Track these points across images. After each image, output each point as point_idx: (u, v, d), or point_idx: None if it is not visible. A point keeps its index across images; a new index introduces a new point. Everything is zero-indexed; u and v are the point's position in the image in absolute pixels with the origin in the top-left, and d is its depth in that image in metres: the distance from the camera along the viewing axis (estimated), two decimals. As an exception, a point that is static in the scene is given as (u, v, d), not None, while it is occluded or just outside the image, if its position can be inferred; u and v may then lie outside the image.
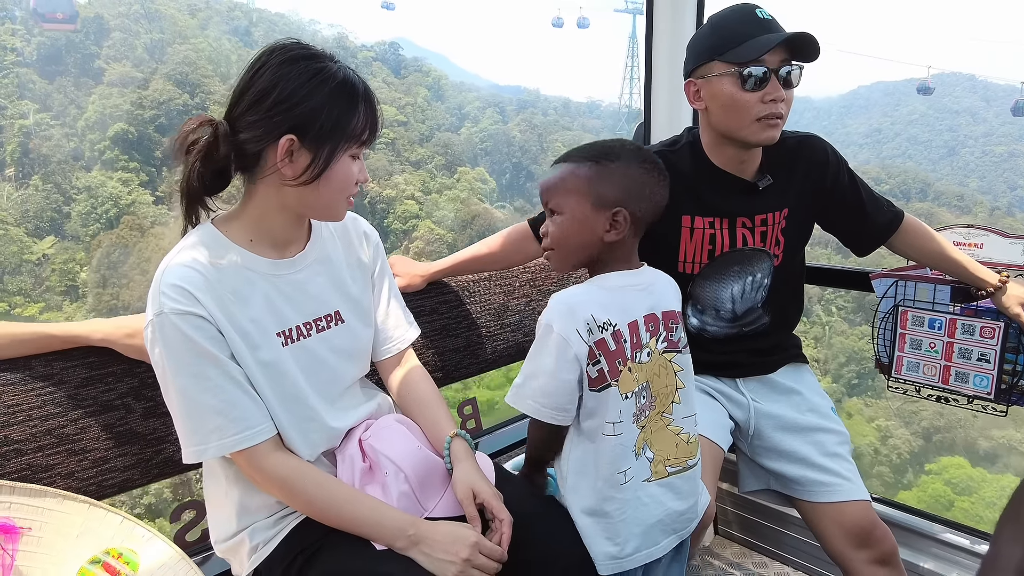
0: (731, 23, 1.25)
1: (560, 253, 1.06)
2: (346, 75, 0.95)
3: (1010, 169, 61.57)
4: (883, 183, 46.30)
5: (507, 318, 1.53)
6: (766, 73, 1.21)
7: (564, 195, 1.03)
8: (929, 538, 1.54)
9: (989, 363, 1.45)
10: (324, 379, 1.04)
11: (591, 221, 1.01)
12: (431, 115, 47.20)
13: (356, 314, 1.09)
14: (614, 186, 1.00)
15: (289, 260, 1.02)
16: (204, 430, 0.92)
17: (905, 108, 77.07)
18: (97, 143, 31.80)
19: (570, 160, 1.04)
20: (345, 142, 0.94)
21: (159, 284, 0.91)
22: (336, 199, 0.98)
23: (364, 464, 1.03)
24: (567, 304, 0.98)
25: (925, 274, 1.52)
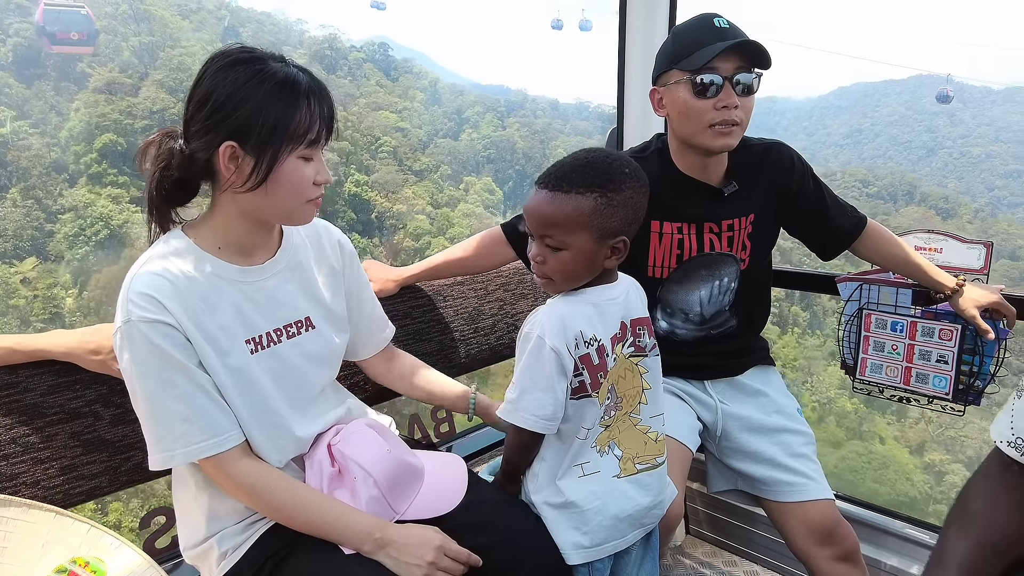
0: (689, 32, 1.29)
1: (558, 284, 1.05)
2: (287, 74, 0.93)
3: (987, 170, 63.00)
4: (870, 185, 47.00)
5: (481, 322, 1.55)
6: (719, 80, 1.24)
7: (568, 232, 1.00)
8: (890, 534, 1.60)
9: (947, 364, 1.51)
10: (294, 385, 1.05)
11: (595, 252, 1.01)
12: (428, 120, 45.93)
13: (327, 320, 1.11)
14: (616, 218, 1.00)
15: (258, 267, 1.03)
16: (171, 437, 0.93)
17: (885, 109, 78.43)
18: (83, 155, 29.14)
19: (571, 188, 0.99)
20: (289, 143, 0.92)
21: (127, 292, 0.92)
22: (291, 204, 0.97)
23: (333, 469, 1.04)
24: (559, 318, 1.00)
25: (888, 278, 1.58)
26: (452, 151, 42.63)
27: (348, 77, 44.31)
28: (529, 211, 1.04)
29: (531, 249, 1.05)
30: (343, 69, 45.11)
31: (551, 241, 1.01)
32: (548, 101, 62.73)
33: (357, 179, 33.48)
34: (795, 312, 26.43)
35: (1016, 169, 62.45)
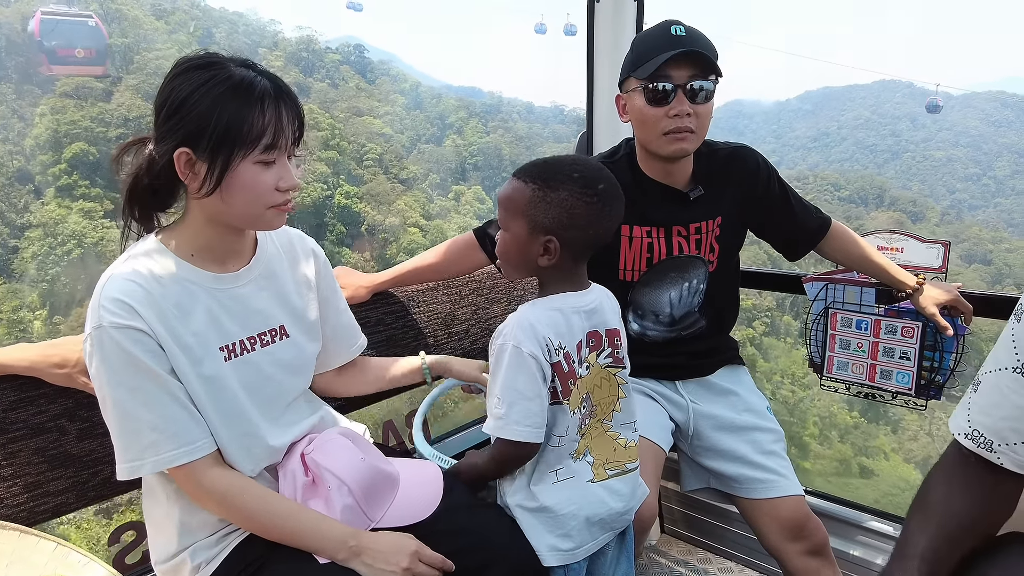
0: (646, 40, 1.33)
1: (505, 266, 1.11)
2: (242, 77, 0.91)
3: (948, 173, 65.06)
4: (842, 189, 48.03)
5: (454, 327, 1.56)
6: (672, 88, 1.27)
7: (508, 214, 1.06)
8: (857, 527, 1.65)
9: (910, 361, 1.57)
10: (267, 394, 1.05)
11: (527, 243, 1.04)
12: (410, 124, 44.81)
13: (301, 328, 1.11)
14: (548, 215, 1.02)
15: (232, 274, 1.02)
16: (139, 445, 0.92)
17: (851, 113, 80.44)
18: (51, 165, 26.61)
19: (520, 177, 1.06)
20: (242, 148, 0.90)
21: (99, 297, 0.91)
22: (250, 209, 0.95)
23: (307, 478, 1.04)
24: (529, 324, 1.01)
25: (852, 277, 1.63)
26: (440, 158, 41.51)
27: (327, 80, 43.02)
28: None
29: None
30: (320, 72, 43.86)
31: (500, 221, 1.08)
32: (523, 104, 62.44)
33: (347, 190, 32.15)
34: (787, 321, 26.59)
35: (975, 172, 64.65)
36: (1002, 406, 0.76)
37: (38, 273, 23.72)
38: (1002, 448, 0.76)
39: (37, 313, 22.40)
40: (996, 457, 0.77)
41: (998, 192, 61.09)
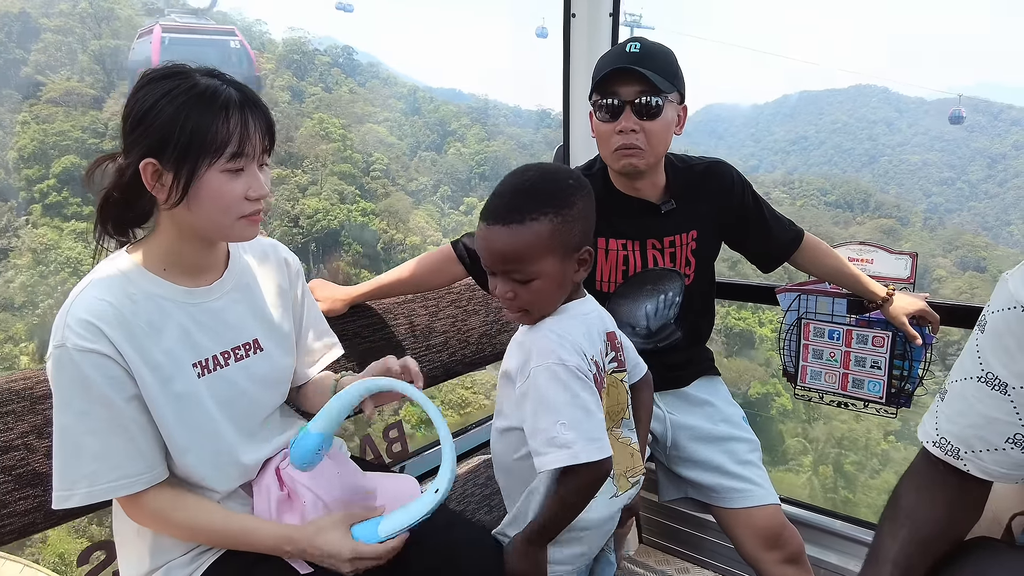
0: (604, 57, 1.37)
1: (536, 313, 1.03)
2: (206, 86, 0.91)
3: (924, 177, 66.60)
4: (828, 194, 48.77)
5: (432, 339, 1.58)
6: (617, 104, 1.31)
7: (534, 262, 0.97)
8: (832, 534, 1.71)
9: (880, 370, 1.63)
10: (242, 410, 1.06)
11: (564, 272, 1.00)
12: (410, 131, 42.92)
13: (275, 341, 1.12)
14: (575, 233, 0.99)
15: (205, 288, 1.03)
16: (75, 475, 0.91)
17: (828, 117, 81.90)
18: (37, 181, 23.95)
19: (524, 217, 0.96)
20: (207, 157, 0.91)
21: (66, 316, 0.90)
22: (220, 219, 0.95)
23: (282, 493, 1.05)
24: (558, 337, 0.99)
25: (824, 288, 1.69)
26: (448, 168, 39.33)
27: (320, 84, 41.24)
28: (485, 249, 1.00)
29: (495, 287, 1.02)
30: (313, 75, 42.03)
31: (518, 275, 0.98)
32: (510, 108, 61.87)
33: (364, 207, 29.98)
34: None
35: (950, 176, 66.34)
36: (967, 414, 0.80)
37: (26, 301, 21.54)
38: (968, 456, 0.80)
39: (23, 347, 20.38)
40: (963, 464, 0.81)
41: (972, 196, 62.80)
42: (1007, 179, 63.25)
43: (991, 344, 0.78)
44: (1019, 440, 0.77)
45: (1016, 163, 65.09)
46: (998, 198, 61.27)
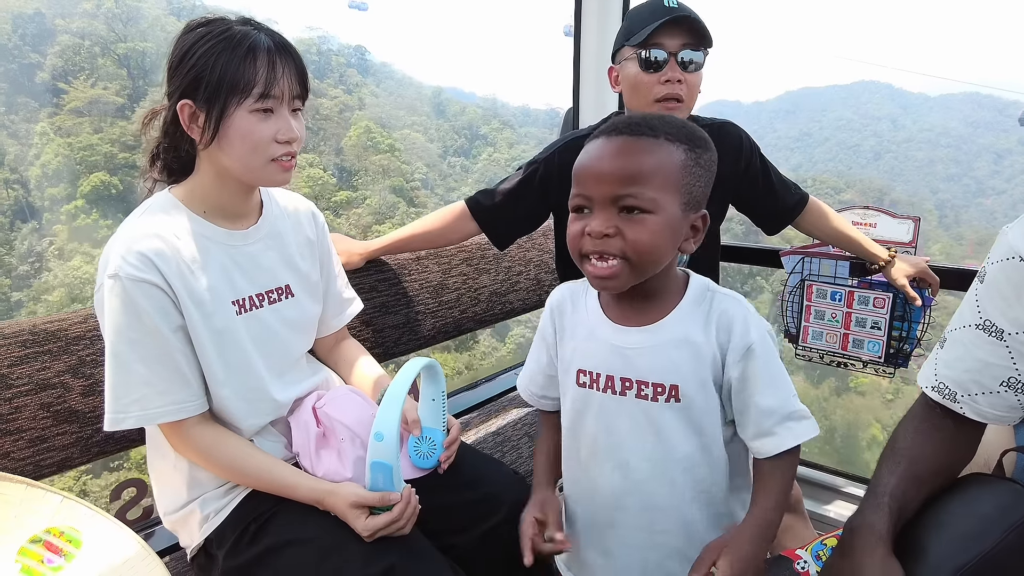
0: (641, 11, 1.43)
1: (636, 269, 0.84)
2: (237, 31, 0.97)
3: (930, 174, 66.79)
4: (842, 192, 48.85)
5: (444, 295, 1.66)
6: (664, 56, 1.38)
7: (659, 188, 0.82)
8: (830, 489, 1.79)
9: (880, 330, 1.71)
10: (274, 350, 1.13)
11: (679, 227, 0.85)
12: (436, 136, 41.53)
13: (305, 289, 1.19)
14: (702, 184, 0.87)
15: (242, 232, 1.10)
16: (128, 399, 0.98)
17: (832, 113, 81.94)
18: (63, 201, 21.66)
19: (658, 133, 0.84)
20: (236, 96, 0.96)
21: (119, 247, 0.97)
22: (249, 160, 1.00)
23: (319, 430, 1.12)
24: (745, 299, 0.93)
25: (828, 251, 1.77)
26: (483, 176, 37.26)
27: (341, 86, 40.08)
28: (596, 166, 0.84)
29: (582, 225, 0.84)
30: (333, 76, 40.85)
31: (634, 201, 0.81)
32: (518, 108, 60.35)
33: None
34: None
35: (956, 173, 66.55)
36: (965, 360, 0.88)
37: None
38: (964, 399, 0.88)
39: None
40: (959, 407, 0.89)
41: (979, 192, 63.05)
42: (1014, 175, 63.43)
43: (989, 293, 0.86)
44: (1013, 383, 0.85)
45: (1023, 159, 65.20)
46: (1006, 194, 61.47)
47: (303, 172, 25.66)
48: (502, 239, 1.58)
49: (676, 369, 0.89)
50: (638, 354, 0.90)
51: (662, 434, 0.90)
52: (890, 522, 0.86)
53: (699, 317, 0.90)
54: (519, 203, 1.52)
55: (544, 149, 1.56)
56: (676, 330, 0.90)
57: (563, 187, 1.55)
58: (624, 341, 0.91)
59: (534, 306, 1.94)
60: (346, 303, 1.31)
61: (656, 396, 0.89)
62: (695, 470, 0.92)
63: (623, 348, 0.91)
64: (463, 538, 1.13)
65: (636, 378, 0.90)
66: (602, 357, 0.92)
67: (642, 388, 0.90)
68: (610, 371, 0.92)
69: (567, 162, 1.55)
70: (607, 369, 0.92)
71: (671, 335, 0.89)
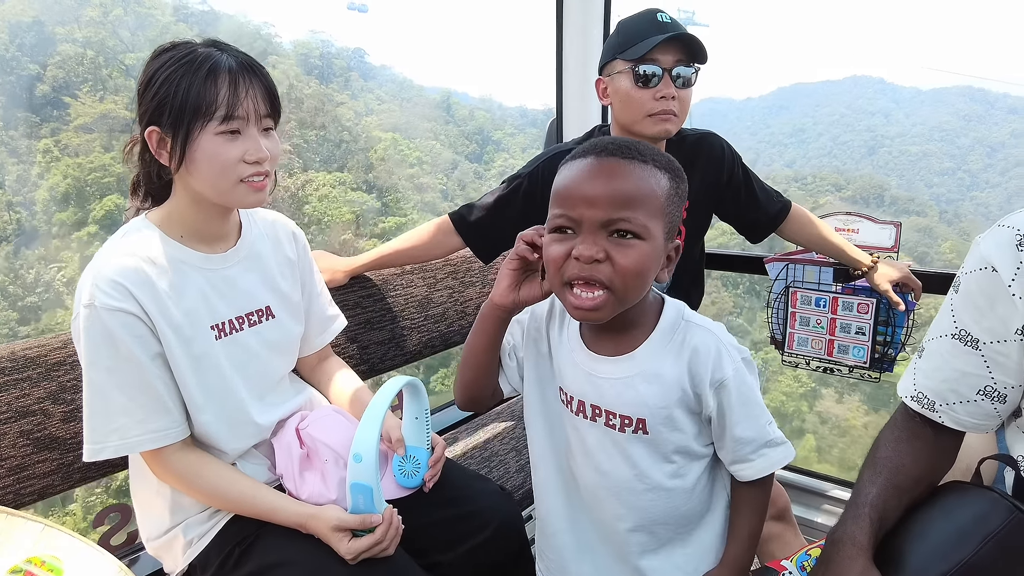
0: (632, 24, 1.45)
1: (619, 295, 0.81)
2: (200, 54, 0.98)
3: (925, 168, 67.16)
4: (843, 189, 48.94)
5: (431, 310, 1.67)
6: (659, 72, 1.41)
7: (649, 214, 0.80)
8: (818, 495, 1.81)
9: (864, 336, 1.73)
10: (255, 373, 1.14)
11: (661, 255, 0.84)
12: (447, 143, 39.62)
13: (286, 309, 1.20)
14: (678, 215, 0.86)
15: (221, 255, 1.11)
16: (106, 428, 0.98)
17: (826, 109, 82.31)
18: (74, 227, 20.09)
19: (646, 157, 0.83)
20: (199, 119, 0.96)
21: (95, 277, 0.97)
22: (218, 182, 1.00)
23: (302, 451, 1.13)
24: (719, 326, 0.93)
25: (812, 257, 1.79)
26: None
27: (347, 92, 38.34)
28: (586, 188, 0.81)
29: (578, 247, 0.80)
30: (338, 81, 39.00)
31: (627, 225, 0.79)
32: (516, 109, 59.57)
33: None
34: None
35: (950, 167, 66.95)
36: (942, 369, 0.90)
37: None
38: (943, 408, 0.90)
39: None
40: (938, 416, 0.91)
41: (973, 186, 63.46)
42: (1008, 168, 63.85)
43: (964, 303, 0.88)
44: (989, 392, 0.87)
45: (1016, 152, 65.74)
46: (1000, 187, 61.86)
47: (344, 196, 24.63)
48: (487, 253, 1.59)
49: (644, 403, 0.88)
50: (608, 385, 0.90)
51: (631, 461, 0.91)
52: (871, 533, 0.88)
53: (671, 350, 0.89)
54: (503, 217, 1.54)
55: (528, 163, 1.57)
56: (646, 364, 0.89)
57: (548, 201, 1.57)
58: (595, 370, 0.92)
59: (521, 317, 1.95)
60: (329, 321, 1.32)
61: (623, 427, 0.90)
62: (669, 495, 0.93)
63: (594, 377, 0.91)
64: (449, 556, 1.14)
65: (605, 408, 0.91)
66: (577, 382, 0.93)
67: (611, 418, 0.91)
68: (582, 396, 0.93)
69: (551, 175, 1.57)
70: (580, 394, 0.93)
71: (640, 368, 0.89)
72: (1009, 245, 0.82)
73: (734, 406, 0.88)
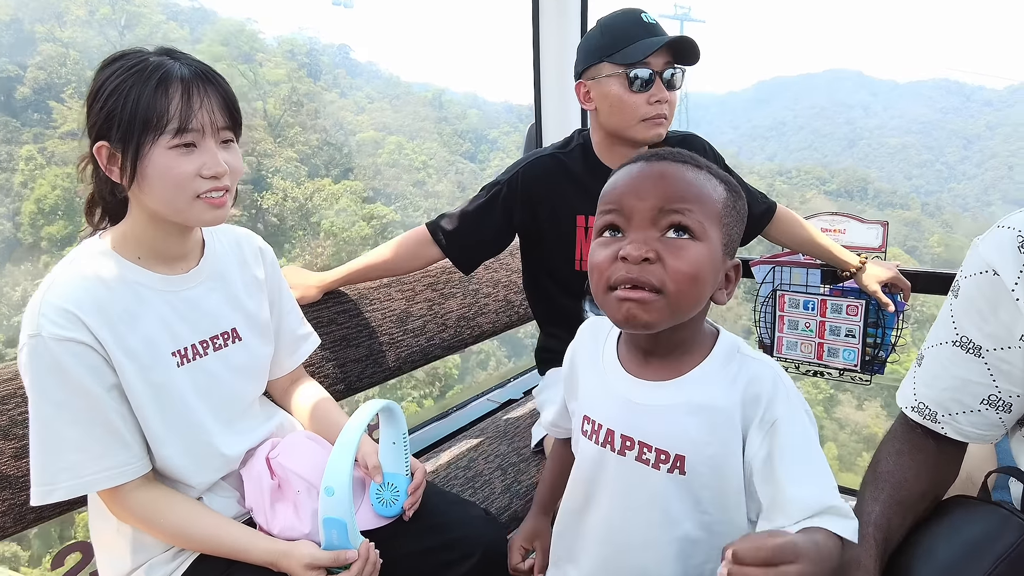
0: (619, 25, 1.40)
1: (674, 306, 0.72)
2: (150, 63, 0.91)
3: (903, 160, 68.37)
4: (828, 183, 49.45)
5: (409, 324, 1.61)
6: (651, 75, 1.36)
7: (706, 215, 0.74)
8: None
9: (855, 338, 1.70)
10: (221, 399, 1.08)
11: (719, 268, 0.76)
12: (440, 142, 39.49)
13: (253, 331, 1.14)
14: (737, 231, 0.79)
15: (181, 276, 1.04)
16: (56, 467, 0.91)
17: (806, 102, 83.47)
18: (65, 241, 19.34)
19: (702, 165, 0.78)
20: (150, 133, 0.90)
21: (40, 304, 0.91)
22: (173, 199, 0.93)
23: (273, 482, 1.07)
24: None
25: (798, 259, 1.76)
26: None
27: (336, 89, 38.10)
28: (636, 182, 0.76)
29: (625, 247, 0.73)
30: (327, 78, 38.68)
31: (683, 219, 0.73)
32: (501, 105, 59.00)
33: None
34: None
35: (928, 159, 68.14)
36: (943, 378, 0.86)
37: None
38: (945, 419, 0.86)
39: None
40: (940, 427, 0.87)
41: (951, 177, 64.61)
42: (984, 160, 65.03)
43: (964, 308, 0.84)
44: (993, 401, 0.83)
45: (991, 144, 67.01)
46: (977, 179, 63.04)
47: (363, 210, 24.09)
48: (467, 264, 1.54)
49: (686, 437, 0.76)
50: (646, 412, 0.79)
51: (659, 505, 0.79)
52: (876, 555, 0.84)
53: (724, 380, 0.78)
54: (482, 226, 1.49)
55: (507, 169, 1.53)
56: (695, 392, 0.78)
57: (527, 207, 1.54)
58: (633, 395, 0.81)
59: (504, 327, 1.90)
60: (301, 340, 1.26)
61: (658, 463, 0.78)
62: (693, 551, 0.80)
63: (631, 402, 0.81)
64: None
65: (639, 439, 0.79)
66: (607, 408, 0.83)
67: (644, 451, 0.78)
68: (612, 425, 0.82)
69: (531, 181, 1.53)
70: (610, 422, 0.82)
71: (688, 397, 0.78)
72: (1010, 247, 0.78)
73: (787, 454, 0.73)
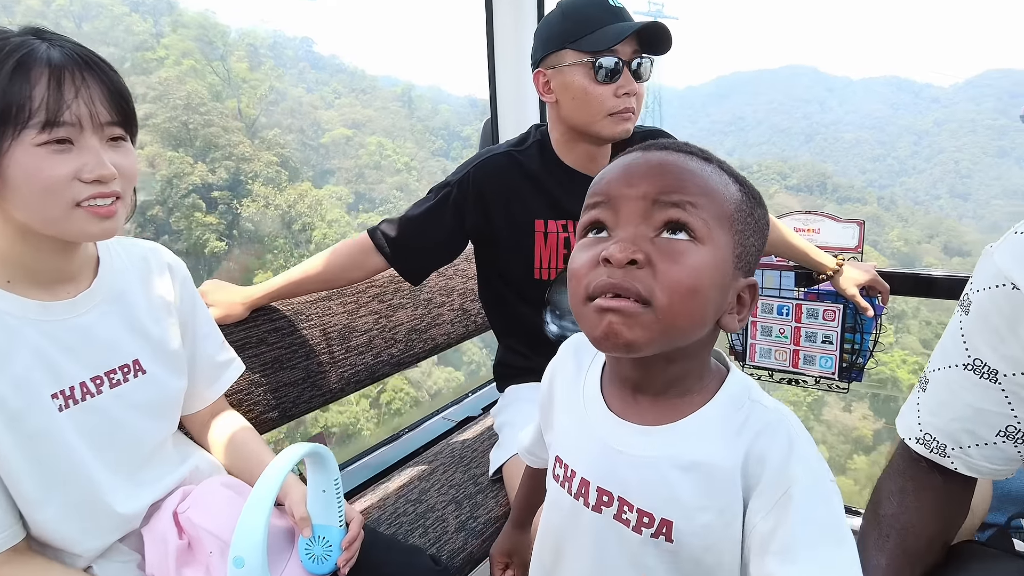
0: (582, 9, 1.25)
1: (666, 324, 0.57)
2: (15, 45, 0.77)
3: (858, 154, 70.51)
4: (788, 177, 50.42)
5: (353, 340, 1.46)
6: (619, 64, 1.23)
7: (712, 215, 0.59)
8: None
9: (832, 344, 1.61)
10: (119, 446, 0.91)
11: (727, 282, 0.60)
12: (412, 139, 38.57)
13: (160, 361, 0.97)
14: (755, 244, 0.63)
15: (67, 302, 0.88)
16: None
17: (764, 97, 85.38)
18: None
19: (711, 158, 0.64)
20: (9, 126, 0.75)
21: None
22: (44, 208, 0.78)
23: (181, 542, 0.91)
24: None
25: (771, 261, 1.66)
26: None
27: (302, 85, 36.80)
28: (631, 168, 0.62)
29: (608, 247, 0.58)
30: (293, 72, 37.87)
31: (681, 214, 0.58)
32: (466, 99, 58.38)
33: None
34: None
35: (881, 153, 70.30)
36: (953, 405, 0.75)
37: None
38: (955, 452, 0.75)
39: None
40: (950, 462, 0.76)
41: (902, 171, 66.70)
42: (932, 155, 67.38)
43: (977, 326, 0.72)
44: (1011, 433, 0.72)
45: (939, 139, 69.52)
46: (926, 173, 65.27)
47: (356, 220, 23.38)
48: (414, 274, 1.40)
49: (675, 500, 0.61)
50: (630, 464, 0.64)
51: (639, 572, 0.64)
52: None
53: (727, 432, 0.61)
54: (431, 232, 1.35)
55: (457, 168, 1.39)
56: (690, 444, 0.62)
57: (479, 209, 1.40)
58: (615, 439, 0.65)
59: (461, 338, 1.76)
60: (221, 368, 1.10)
61: (640, 527, 0.62)
62: None
63: (612, 448, 0.65)
64: None
65: (619, 494, 0.64)
66: (584, 453, 0.68)
67: (624, 511, 0.63)
68: (587, 474, 0.66)
69: (483, 182, 1.40)
70: (585, 470, 0.67)
71: (680, 449, 0.62)
72: None
73: (800, 537, 0.55)
